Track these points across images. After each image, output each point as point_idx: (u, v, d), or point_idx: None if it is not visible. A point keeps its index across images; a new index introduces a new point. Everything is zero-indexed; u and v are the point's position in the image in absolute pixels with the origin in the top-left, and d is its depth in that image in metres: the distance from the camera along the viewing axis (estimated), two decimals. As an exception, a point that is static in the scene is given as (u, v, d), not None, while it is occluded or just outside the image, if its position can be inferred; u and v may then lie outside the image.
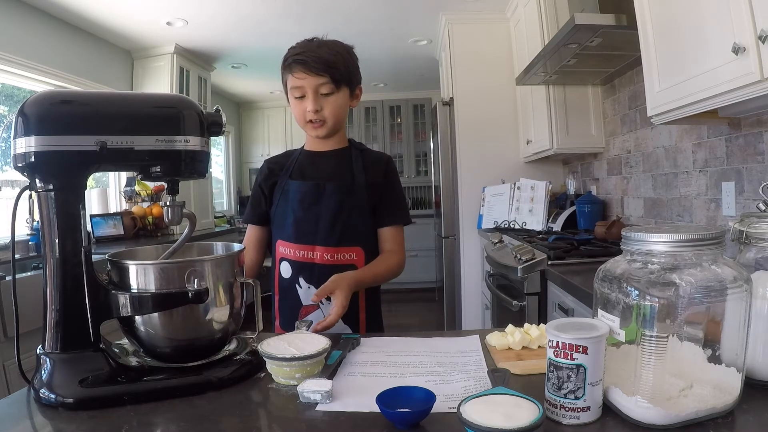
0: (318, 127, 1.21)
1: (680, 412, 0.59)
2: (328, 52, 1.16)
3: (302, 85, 1.16)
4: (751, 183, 1.61)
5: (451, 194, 3.70)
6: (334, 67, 1.16)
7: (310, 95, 1.17)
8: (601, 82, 2.72)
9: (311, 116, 1.18)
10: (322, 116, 1.19)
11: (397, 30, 4.02)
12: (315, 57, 1.14)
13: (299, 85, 1.17)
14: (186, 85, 4.30)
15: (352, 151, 1.29)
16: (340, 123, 1.24)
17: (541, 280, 1.95)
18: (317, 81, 1.16)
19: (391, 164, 1.32)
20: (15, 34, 3.01)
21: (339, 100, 1.19)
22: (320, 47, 1.17)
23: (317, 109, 1.18)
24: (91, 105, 0.79)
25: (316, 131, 1.22)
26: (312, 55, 1.15)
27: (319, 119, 1.19)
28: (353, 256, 1.21)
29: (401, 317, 4.61)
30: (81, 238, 0.76)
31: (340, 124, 1.25)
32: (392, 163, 1.33)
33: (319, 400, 0.72)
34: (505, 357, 0.87)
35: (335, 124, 1.22)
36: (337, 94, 1.19)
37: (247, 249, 1.31)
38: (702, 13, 1.33)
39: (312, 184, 1.23)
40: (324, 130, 1.22)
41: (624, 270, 0.65)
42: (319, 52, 1.15)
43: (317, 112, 1.18)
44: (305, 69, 1.15)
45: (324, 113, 1.19)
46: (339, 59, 1.17)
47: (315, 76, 1.15)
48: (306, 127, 1.23)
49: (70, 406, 0.72)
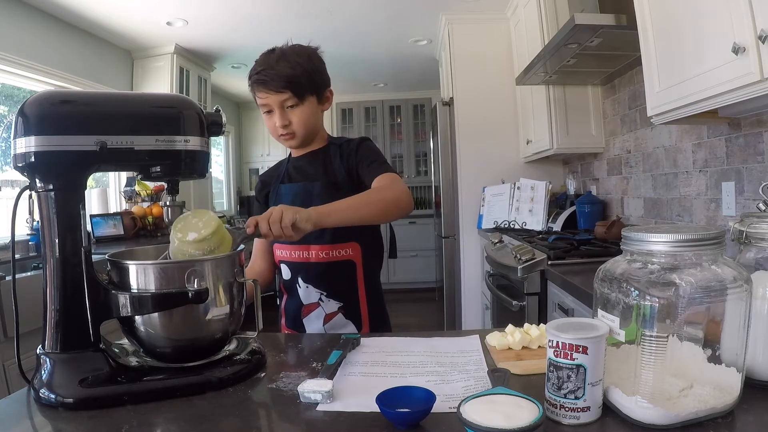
0: (289, 139, 1.22)
1: (680, 412, 0.59)
2: (288, 65, 1.15)
3: (267, 102, 1.18)
4: (751, 183, 1.61)
5: (451, 194, 3.70)
6: (294, 81, 1.15)
7: (276, 111, 1.18)
8: (601, 82, 2.72)
9: (281, 131, 1.20)
10: (291, 129, 1.20)
11: (397, 30, 4.02)
12: (274, 75, 1.14)
13: (264, 102, 1.18)
14: (186, 85, 4.30)
15: (331, 148, 1.29)
16: (311, 131, 1.24)
17: (541, 280, 1.95)
18: (280, 98, 1.16)
19: (362, 141, 1.27)
20: (15, 34, 3.01)
21: (306, 110, 1.20)
22: (279, 61, 1.15)
23: (285, 124, 1.19)
24: (91, 105, 0.79)
25: (288, 143, 1.25)
26: (271, 73, 1.14)
27: (288, 132, 1.21)
28: (349, 252, 1.22)
29: (401, 317, 4.61)
30: (81, 238, 0.77)
31: (313, 131, 1.25)
32: (364, 140, 1.28)
33: (319, 400, 0.72)
34: (505, 357, 0.87)
35: (306, 134, 1.23)
36: (302, 105, 1.19)
37: (255, 258, 1.34)
38: (702, 13, 1.32)
39: (301, 185, 1.25)
40: (296, 141, 1.23)
41: (624, 270, 0.65)
42: (278, 68, 1.14)
43: (286, 126, 1.19)
44: (266, 88, 1.16)
45: (293, 126, 1.20)
46: (299, 71, 1.16)
47: (277, 94, 1.16)
48: (279, 140, 1.24)
49: (70, 406, 0.72)
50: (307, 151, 1.29)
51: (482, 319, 3.53)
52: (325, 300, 1.22)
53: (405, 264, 5.72)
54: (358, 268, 1.22)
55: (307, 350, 1.00)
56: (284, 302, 1.30)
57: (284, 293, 1.30)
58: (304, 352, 0.99)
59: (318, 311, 1.22)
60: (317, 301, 1.22)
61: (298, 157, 1.31)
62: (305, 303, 1.23)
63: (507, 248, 2.35)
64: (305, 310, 1.24)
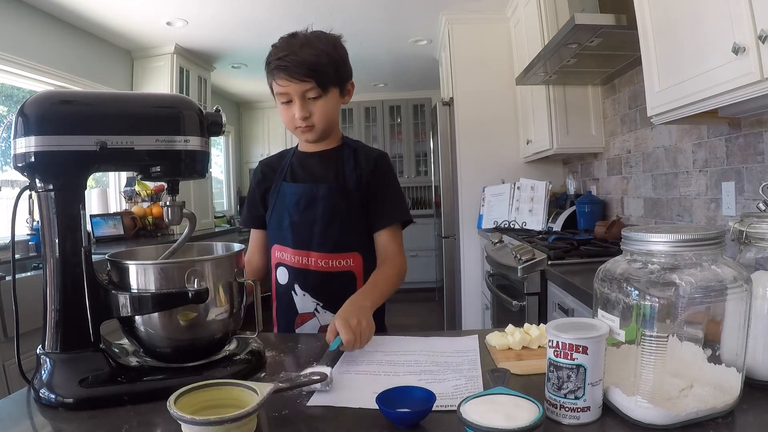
0: (307, 131, 1.15)
1: (680, 412, 0.59)
2: (312, 52, 1.07)
3: (287, 91, 1.10)
4: (751, 183, 1.61)
5: (451, 194, 3.70)
6: (318, 70, 1.07)
7: (296, 101, 1.10)
8: (601, 82, 2.72)
9: (299, 123, 1.12)
10: (311, 122, 1.13)
11: (397, 30, 4.02)
12: (297, 61, 1.06)
13: (284, 91, 1.10)
14: (186, 85, 4.30)
15: (345, 150, 1.22)
16: (331, 125, 1.18)
17: (541, 280, 1.95)
18: (302, 87, 1.08)
19: (382, 159, 1.22)
20: (15, 34, 3.01)
21: (328, 103, 1.12)
22: (303, 47, 1.07)
23: (305, 116, 1.11)
24: (91, 105, 0.79)
25: (305, 136, 1.17)
26: (294, 60, 1.06)
27: (308, 125, 1.13)
28: (350, 263, 1.17)
29: (401, 317, 4.61)
30: (81, 238, 0.76)
31: (332, 126, 1.18)
32: (384, 159, 1.23)
33: (318, 389, 0.73)
34: (505, 357, 0.87)
35: (325, 128, 1.16)
36: (326, 97, 1.11)
37: (253, 253, 1.29)
38: (702, 13, 1.32)
39: (306, 187, 1.19)
40: (314, 135, 1.16)
41: (624, 270, 0.65)
42: (301, 54, 1.06)
43: (306, 118, 1.12)
44: (288, 76, 1.07)
45: (313, 119, 1.12)
46: (324, 59, 1.08)
47: (299, 83, 1.07)
48: (295, 132, 1.17)
49: (70, 406, 0.72)
50: (318, 149, 1.22)
51: (482, 319, 3.53)
52: (321, 311, 1.17)
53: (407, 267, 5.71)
54: (358, 281, 1.17)
55: (307, 350, 1.00)
56: (275, 311, 1.25)
57: (274, 301, 1.24)
58: (304, 353, 0.99)
59: (313, 322, 1.18)
60: (313, 311, 1.18)
61: (306, 153, 1.24)
62: (300, 312, 1.19)
63: (507, 248, 2.35)
64: (299, 320, 1.19)
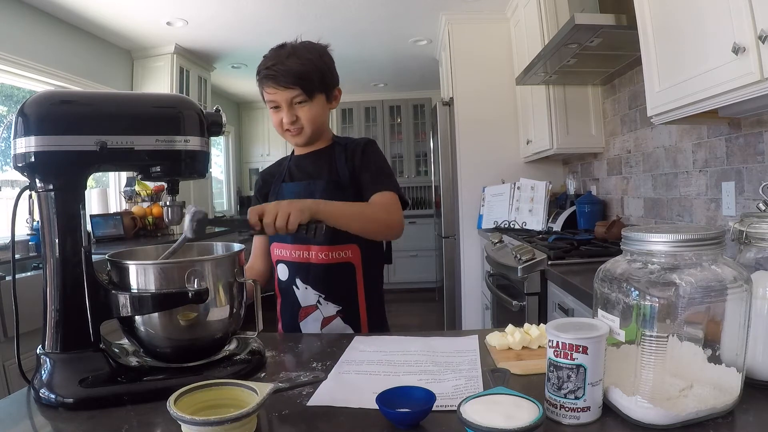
0: (296, 135, 1.22)
1: (680, 412, 0.59)
2: (298, 62, 1.14)
3: (275, 98, 1.17)
4: (751, 183, 1.61)
5: (451, 194, 3.70)
6: (304, 78, 1.14)
7: (284, 107, 1.17)
8: (601, 82, 2.72)
9: (288, 126, 1.19)
10: (299, 125, 1.20)
11: (397, 30, 4.02)
12: (284, 70, 1.13)
13: (272, 98, 1.17)
14: (186, 85, 4.30)
15: (336, 147, 1.28)
16: (319, 128, 1.24)
17: (541, 280, 1.95)
18: (289, 94, 1.15)
19: (368, 145, 1.27)
20: (15, 34, 3.01)
21: (314, 108, 1.19)
22: (290, 57, 1.15)
23: (293, 120, 1.18)
24: (92, 105, 0.79)
25: (295, 139, 1.23)
26: (281, 69, 1.13)
27: (296, 128, 1.20)
28: (349, 254, 1.20)
29: (401, 317, 4.61)
30: (81, 238, 0.77)
31: (320, 129, 1.24)
32: (370, 144, 1.28)
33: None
34: (505, 357, 0.87)
35: (313, 131, 1.22)
36: (311, 103, 1.18)
37: (254, 259, 1.33)
38: (702, 13, 1.32)
39: (303, 184, 1.24)
40: (302, 138, 1.22)
41: (624, 270, 0.65)
42: (288, 64, 1.14)
43: (293, 122, 1.19)
44: (276, 84, 1.15)
45: (301, 122, 1.19)
46: (310, 68, 1.15)
47: (286, 90, 1.15)
48: (285, 135, 1.23)
49: (70, 406, 0.72)
50: (311, 150, 1.29)
51: (482, 319, 3.53)
52: (323, 303, 1.20)
53: (405, 264, 5.73)
54: (357, 271, 1.21)
55: (307, 350, 1.00)
56: (279, 306, 1.28)
57: (278, 296, 1.28)
58: (304, 353, 0.99)
59: (316, 314, 1.21)
60: (315, 303, 1.21)
61: (301, 155, 1.31)
62: (303, 305, 1.22)
63: (507, 248, 2.35)
64: (302, 312, 1.22)
